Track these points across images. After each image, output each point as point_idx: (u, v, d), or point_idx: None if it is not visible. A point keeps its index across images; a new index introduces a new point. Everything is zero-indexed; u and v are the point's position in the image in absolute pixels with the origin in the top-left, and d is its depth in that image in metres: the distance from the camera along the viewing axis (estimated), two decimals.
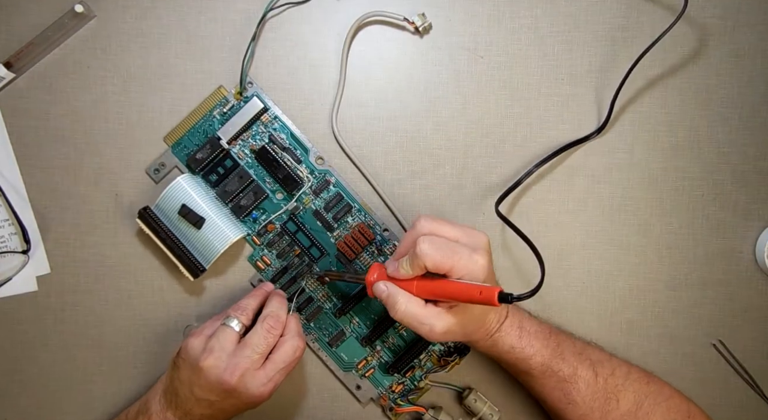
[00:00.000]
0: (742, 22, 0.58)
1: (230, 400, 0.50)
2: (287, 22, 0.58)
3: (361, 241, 0.58)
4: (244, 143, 0.58)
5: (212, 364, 0.49)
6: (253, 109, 0.57)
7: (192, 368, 0.49)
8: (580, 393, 0.52)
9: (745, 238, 0.59)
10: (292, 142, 0.58)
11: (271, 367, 0.50)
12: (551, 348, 0.53)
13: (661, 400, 0.54)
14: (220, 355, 0.49)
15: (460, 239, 0.48)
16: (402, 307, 0.47)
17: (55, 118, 0.58)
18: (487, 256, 0.47)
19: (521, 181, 0.55)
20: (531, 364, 0.52)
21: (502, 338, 0.52)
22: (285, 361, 0.50)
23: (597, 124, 0.58)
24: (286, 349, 0.51)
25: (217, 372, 0.48)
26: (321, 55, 0.58)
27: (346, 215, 0.58)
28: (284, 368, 0.50)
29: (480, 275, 0.46)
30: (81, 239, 0.58)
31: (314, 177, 0.58)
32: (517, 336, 0.52)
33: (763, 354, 0.59)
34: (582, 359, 0.53)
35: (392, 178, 0.59)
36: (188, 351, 0.50)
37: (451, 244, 0.46)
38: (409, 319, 0.47)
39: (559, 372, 0.52)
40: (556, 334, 0.54)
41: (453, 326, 0.48)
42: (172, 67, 0.58)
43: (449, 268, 0.46)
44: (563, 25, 0.58)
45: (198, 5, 0.58)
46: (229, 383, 0.48)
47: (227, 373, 0.48)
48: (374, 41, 0.58)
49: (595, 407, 0.52)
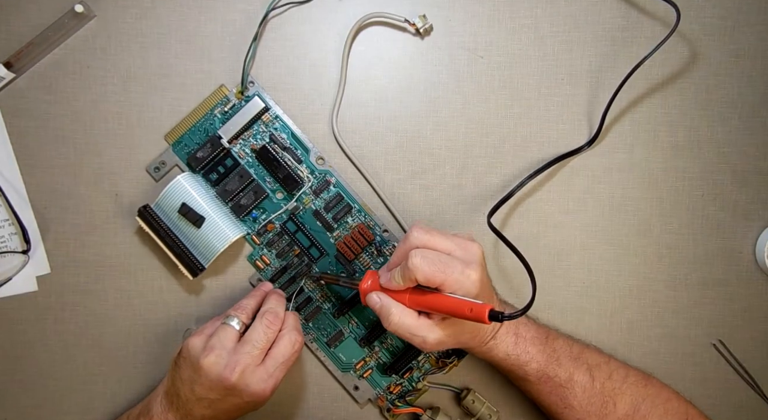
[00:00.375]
0: (742, 22, 0.58)
1: (231, 399, 0.50)
2: (288, 22, 0.58)
3: (360, 242, 0.58)
4: (244, 142, 0.58)
5: (213, 361, 0.49)
6: (254, 109, 0.57)
7: (193, 367, 0.49)
8: (576, 397, 0.53)
9: (745, 238, 0.59)
10: (293, 141, 0.58)
11: (271, 362, 0.50)
12: (547, 354, 0.53)
13: (659, 403, 0.54)
14: (220, 353, 0.49)
15: (453, 252, 0.47)
16: (395, 318, 0.47)
17: (55, 118, 0.58)
18: (479, 269, 0.47)
19: (513, 193, 0.54)
20: (527, 370, 0.52)
21: (497, 346, 0.52)
22: (284, 356, 0.50)
23: (597, 123, 0.58)
24: (284, 343, 0.51)
25: (218, 369, 0.48)
26: (322, 56, 0.58)
27: (345, 216, 0.58)
28: (284, 363, 0.50)
29: (472, 290, 0.46)
30: (81, 239, 0.58)
31: (314, 177, 0.58)
32: (513, 343, 0.52)
33: (763, 354, 0.59)
34: (579, 364, 0.53)
35: (392, 178, 0.59)
36: (189, 350, 0.50)
37: (443, 258, 0.46)
38: (402, 330, 0.48)
39: (555, 377, 0.52)
40: (554, 338, 0.54)
41: (446, 338, 0.48)
42: (172, 67, 0.58)
43: (441, 282, 0.46)
44: (563, 25, 0.58)
45: (198, 5, 0.58)
46: (230, 380, 0.48)
47: (227, 370, 0.48)
48: (374, 41, 0.58)
49: (592, 411, 0.53)
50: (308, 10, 0.58)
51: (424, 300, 0.47)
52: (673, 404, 0.54)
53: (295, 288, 0.58)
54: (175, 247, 0.55)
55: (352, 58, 0.58)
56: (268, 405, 0.53)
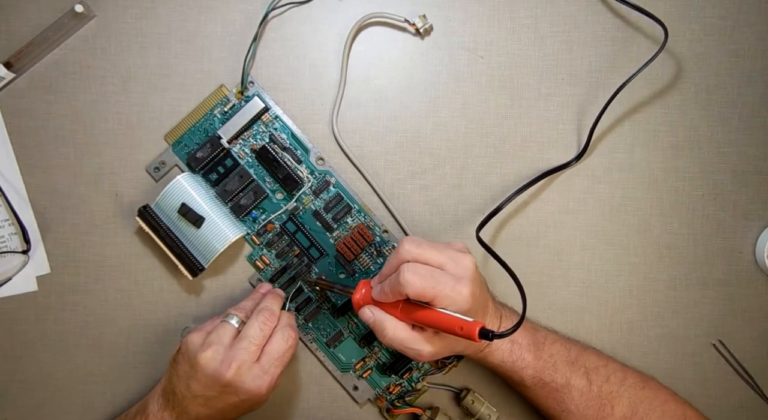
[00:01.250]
0: (742, 22, 0.58)
1: (227, 397, 0.50)
2: (288, 22, 0.58)
3: (360, 242, 0.58)
4: (244, 142, 0.58)
5: (210, 356, 0.49)
6: (254, 109, 0.57)
7: (190, 362, 0.50)
8: (573, 401, 0.53)
9: (745, 238, 0.59)
10: (293, 142, 0.58)
11: (266, 359, 0.50)
12: (543, 360, 0.53)
13: (657, 405, 0.54)
14: (217, 348, 0.49)
15: (445, 266, 0.47)
16: (389, 333, 0.48)
17: (55, 118, 0.58)
18: (471, 285, 0.47)
19: (502, 207, 0.54)
20: (522, 376, 0.53)
21: (492, 353, 0.52)
22: (278, 352, 0.50)
23: (597, 123, 0.58)
24: (277, 339, 0.51)
25: (214, 365, 0.49)
26: (321, 56, 0.58)
27: (345, 216, 0.58)
28: (278, 359, 0.50)
29: (463, 306, 0.46)
30: (81, 239, 0.58)
31: (314, 177, 0.58)
32: (509, 350, 0.52)
33: (763, 354, 0.59)
34: (575, 368, 0.53)
35: (392, 178, 0.59)
36: (188, 345, 0.50)
37: (435, 274, 0.46)
38: (397, 344, 0.48)
39: (552, 382, 0.53)
40: (551, 343, 0.54)
41: (440, 349, 0.49)
42: (172, 67, 0.58)
43: (432, 298, 0.46)
44: (563, 25, 0.58)
45: (198, 5, 0.58)
46: (225, 376, 0.48)
47: (224, 366, 0.48)
48: (374, 41, 0.58)
49: (590, 414, 0.53)
50: (308, 10, 0.58)
51: (415, 314, 0.47)
52: (671, 406, 0.54)
53: (294, 288, 0.58)
54: (174, 247, 0.55)
55: (352, 58, 0.58)
56: (267, 405, 0.53)
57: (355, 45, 0.58)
